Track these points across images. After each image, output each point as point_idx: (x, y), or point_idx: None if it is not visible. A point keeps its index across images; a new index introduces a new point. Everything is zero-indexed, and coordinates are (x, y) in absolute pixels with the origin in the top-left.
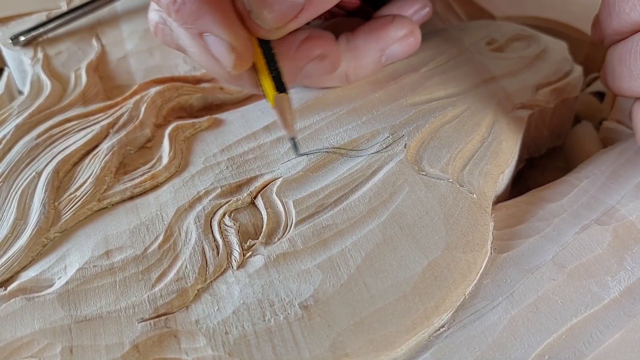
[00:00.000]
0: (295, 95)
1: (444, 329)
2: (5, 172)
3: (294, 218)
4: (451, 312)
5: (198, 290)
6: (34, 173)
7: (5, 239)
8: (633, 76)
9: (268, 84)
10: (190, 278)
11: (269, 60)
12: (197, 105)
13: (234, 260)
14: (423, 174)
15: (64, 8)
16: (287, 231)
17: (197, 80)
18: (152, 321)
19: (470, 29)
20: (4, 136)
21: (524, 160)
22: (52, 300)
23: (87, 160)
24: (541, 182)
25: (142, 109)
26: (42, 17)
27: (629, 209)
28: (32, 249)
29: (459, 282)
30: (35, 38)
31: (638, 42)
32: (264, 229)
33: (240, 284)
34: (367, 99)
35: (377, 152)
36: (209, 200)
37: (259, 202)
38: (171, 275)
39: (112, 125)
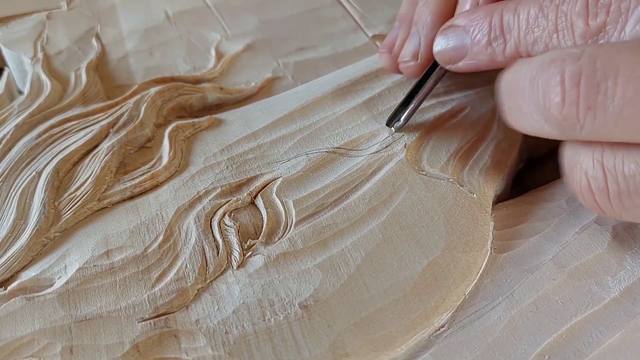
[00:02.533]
0: (295, 96)
1: (443, 328)
2: (5, 172)
3: (294, 218)
4: (451, 312)
5: (198, 290)
6: (34, 173)
7: (5, 239)
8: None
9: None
10: (190, 278)
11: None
12: (197, 105)
13: (234, 260)
14: (423, 174)
15: (64, 8)
16: (287, 231)
17: (197, 80)
18: (152, 321)
19: None
20: (4, 136)
21: (524, 160)
22: (52, 300)
23: (87, 160)
24: (541, 182)
25: (142, 109)
26: (42, 17)
27: None
28: (32, 249)
29: (459, 282)
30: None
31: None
32: (264, 229)
33: (240, 284)
34: (366, 99)
35: (377, 152)
36: (209, 200)
37: (259, 201)
38: (171, 275)
39: (112, 125)
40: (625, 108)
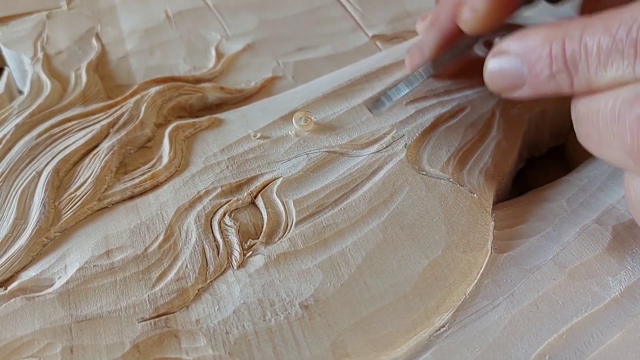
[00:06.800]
0: (295, 96)
1: (444, 328)
2: (6, 172)
3: (294, 217)
4: (452, 312)
5: (198, 290)
6: (34, 172)
7: (6, 239)
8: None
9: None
10: (191, 278)
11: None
12: (197, 105)
13: (234, 260)
14: (423, 174)
15: (64, 8)
16: (287, 231)
17: (197, 80)
18: (152, 321)
19: None
20: (4, 136)
21: (524, 160)
22: (53, 300)
23: (87, 160)
24: (542, 182)
25: (143, 109)
26: (42, 16)
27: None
28: (32, 249)
29: (460, 282)
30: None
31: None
32: (264, 229)
33: (241, 284)
34: (367, 99)
35: (377, 151)
36: (209, 200)
37: (259, 201)
38: (171, 274)
39: (112, 124)
40: None
